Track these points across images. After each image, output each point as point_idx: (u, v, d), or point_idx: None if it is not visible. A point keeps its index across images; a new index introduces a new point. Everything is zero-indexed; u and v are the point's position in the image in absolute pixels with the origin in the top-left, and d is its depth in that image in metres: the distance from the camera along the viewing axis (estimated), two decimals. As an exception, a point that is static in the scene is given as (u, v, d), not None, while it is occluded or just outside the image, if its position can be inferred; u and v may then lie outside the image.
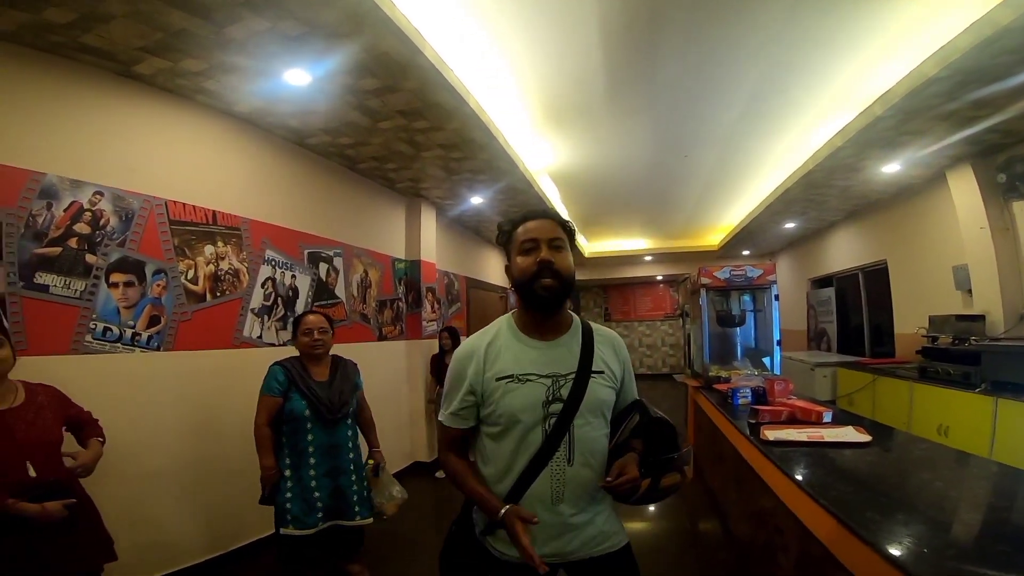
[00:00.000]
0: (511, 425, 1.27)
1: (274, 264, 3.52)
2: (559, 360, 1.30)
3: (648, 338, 12.73)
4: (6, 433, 1.71)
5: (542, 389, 1.26)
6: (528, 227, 1.31)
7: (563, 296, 1.30)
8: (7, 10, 2.05)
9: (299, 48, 2.49)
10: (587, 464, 1.29)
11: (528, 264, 1.27)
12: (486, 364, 1.30)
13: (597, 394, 1.30)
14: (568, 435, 1.27)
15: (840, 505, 1.44)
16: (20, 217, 2.23)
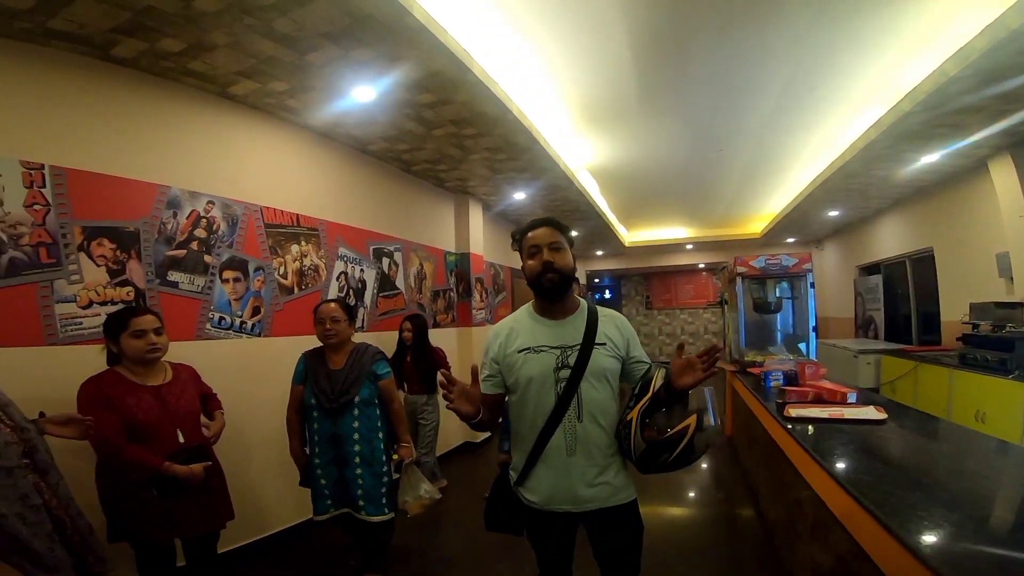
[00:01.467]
0: (528, 387, 1.51)
1: (346, 260, 3.92)
2: (567, 335, 1.53)
3: (691, 326, 12.65)
4: (162, 405, 2.04)
5: (552, 358, 1.50)
6: (532, 235, 1.56)
7: (564, 287, 1.54)
8: (127, 38, 2.37)
9: (366, 69, 2.80)
10: (595, 421, 1.50)
11: (535, 265, 1.52)
12: (508, 341, 1.57)
13: (600, 362, 1.51)
14: (576, 396, 1.49)
15: (840, 469, 1.60)
16: (153, 225, 2.65)
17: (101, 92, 2.48)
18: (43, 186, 2.22)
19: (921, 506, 1.25)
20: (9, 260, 2.10)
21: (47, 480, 1.47)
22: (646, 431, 1.40)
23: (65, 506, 1.48)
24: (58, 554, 1.40)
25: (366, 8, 2.22)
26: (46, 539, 1.39)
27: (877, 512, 1.26)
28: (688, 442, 1.34)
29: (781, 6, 2.66)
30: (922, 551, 1.02)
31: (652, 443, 1.38)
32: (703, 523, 3.50)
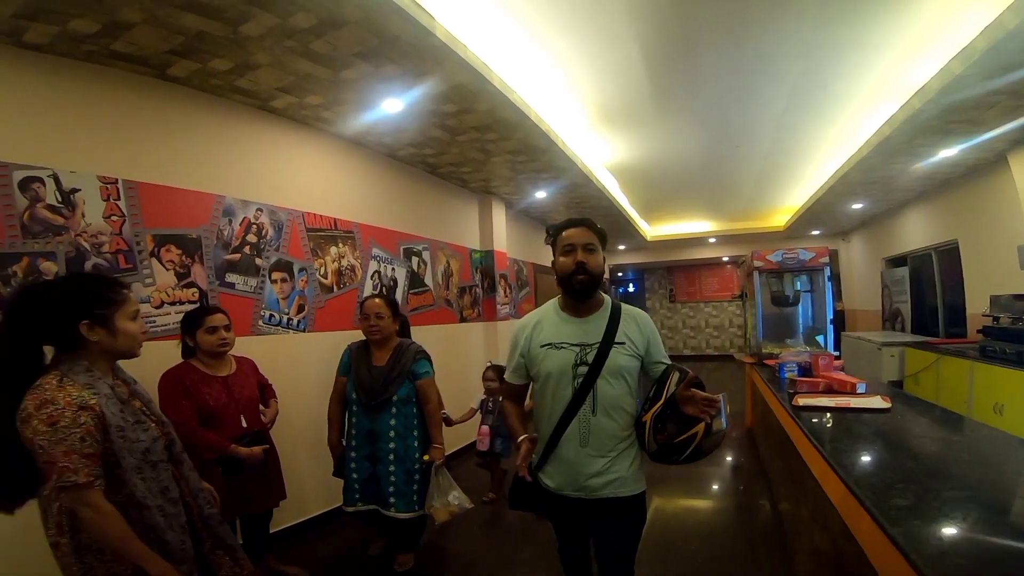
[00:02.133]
0: (547, 381, 1.59)
1: (379, 260, 4.17)
2: (588, 333, 1.59)
3: (715, 319, 12.59)
4: (229, 393, 2.30)
5: (572, 355, 1.56)
6: (568, 233, 1.61)
7: (594, 287, 1.59)
8: (181, 59, 2.58)
9: (394, 84, 3.00)
10: (608, 416, 1.56)
11: (568, 264, 1.58)
12: (533, 335, 1.64)
13: (617, 360, 1.56)
14: (592, 391, 1.55)
15: (831, 450, 1.73)
16: (212, 231, 2.92)
17: (159, 109, 2.73)
18: (118, 199, 2.51)
19: (899, 485, 1.37)
20: (93, 266, 2.40)
21: (181, 471, 1.52)
22: (658, 435, 1.48)
23: (195, 496, 1.54)
24: (187, 546, 1.42)
25: (393, 30, 2.42)
26: (180, 531, 1.42)
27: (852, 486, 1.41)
28: (696, 446, 1.43)
29: (784, 11, 2.75)
30: (886, 526, 1.13)
31: (664, 445, 1.47)
32: (720, 511, 3.59)
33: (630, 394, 1.60)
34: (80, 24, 2.15)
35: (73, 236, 2.35)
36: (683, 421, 1.45)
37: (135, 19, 2.15)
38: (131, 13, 2.11)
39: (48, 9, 2.03)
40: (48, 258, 2.27)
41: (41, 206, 2.25)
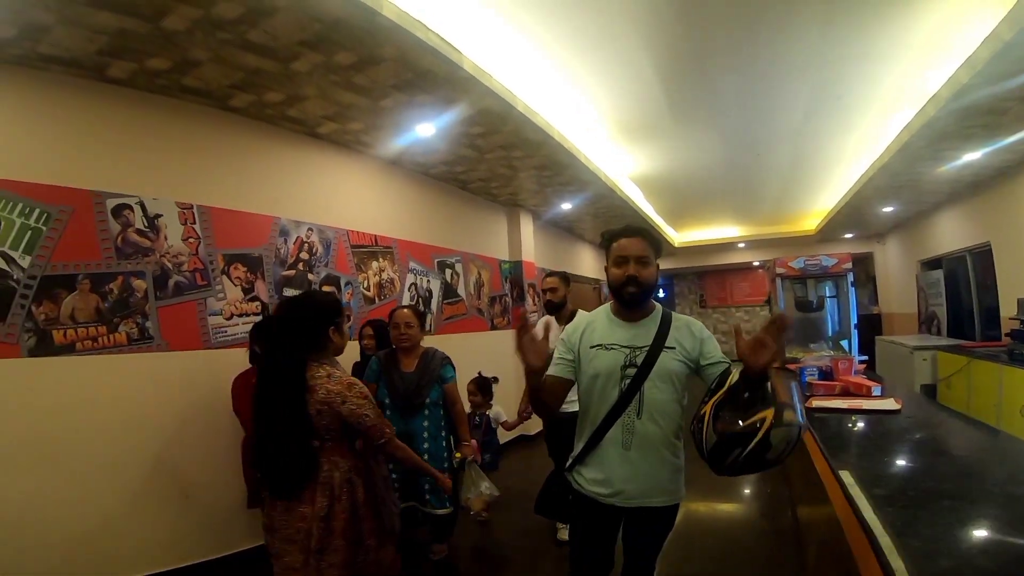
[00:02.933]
0: (595, 380, 1.57)
1: (416, 272, 4.47)
2: (639, 336, 1.57)
3: (747, 324, 12.43)
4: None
5: (621, 356, 1.55)
6: (622, 243, 1.59)
7: (644, 298, 1.58)
8: (240, 92, 2.85)
9: (427, 111, 3.29)
10: (654, 420, 1.52)
11: (619, 275, 1.57)
12: (584, 335, 1.64)
13: (667, 365, 1.52)
14: (639, 394, 1.52)
15: (829, 444, 1.86)
16: (271, 250, 3.26)
17: (222, 137, 3.06)
18: (194, 222, 2.88)
19: (884, 475, 1.52)
20: (175, 283, 2.77)
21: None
22: (719, 423, 1.30)
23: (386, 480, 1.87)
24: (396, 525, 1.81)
25: (425, 65, 2.70)
26: (393, 514, 1.81)
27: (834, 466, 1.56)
28: (764, 436, 1.19)
29: (789, 32, 2.91)
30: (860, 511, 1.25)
31: (723, 436, 1.27)
32: (742, 511, 3.64)
33: (677, 401, 1.55)
34: (155, 62, 2.48)
35: (158, 257, 2.72)
36: (747, 408, 1.26)
37: (202, 57, 2.48)
38: (199, 52, 2.43)
39: (128, 48, 2.33)
40: (139, 276, 2.65)
41: (131, 230, 2.63)
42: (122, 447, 2.59)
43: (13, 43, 2.20)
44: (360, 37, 2.39)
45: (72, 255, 2.45)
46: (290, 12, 2.15)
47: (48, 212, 2.38)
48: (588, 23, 2.83)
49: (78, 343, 2.45)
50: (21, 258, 2.30)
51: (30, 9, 1.99)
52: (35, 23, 2.08)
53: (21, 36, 2.15)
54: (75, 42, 2.24)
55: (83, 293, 2.46)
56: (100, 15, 2.07)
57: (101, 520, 2.49)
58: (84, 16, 2.07)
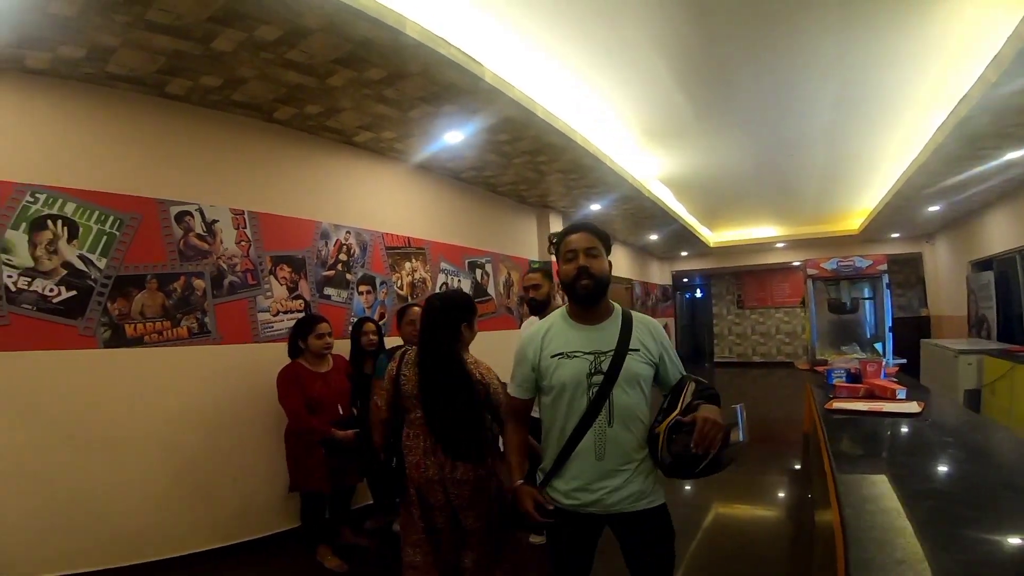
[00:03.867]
0: (561, 392, 1.48)
1: (447, 272, 4.67)
2: (600, 340, 1.49)
3: (787, 325, 12.08)
4: (328, 386, 2.78)
5: (586, 363, 1.46)
6: (569, 239, 1.54)
7: (599, 293, 1.51)
8: (284, 105, 3.11)
9: (454, 120, 3.48)
10: (625, 427, 1.47)
11: (570, 270, 1.50)
12: (543, 346, 1.54)
13: (633, 368, 1.47)
14: (608, 401, 1.45)
15: (835, 442, 1.90)
16: (313, 252, 3.53)
17: (268, 147, 3.33)
18: (245, 227, 3.17)
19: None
20: (229, 283, 3.07)
21: None
22: (673, 445, 1.38)
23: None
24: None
25: (449, 79, 2.89)
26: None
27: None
28: (714, 458, 1.33)
29: (805, 33, 2.91)
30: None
31: (678, 456, 1.36)
32: (765, 513, 3.63)
33: (646, 403, 1.51)
34: (208, 79, 2.74)
35: (215, 259, 3.03)
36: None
37: (248, 75, 2.73)
38: (245, 70, 2.68)
39: (184, 67, 2.59)
40: (199, 276, 2.95)
41: (192, 235, 2.94)
42: (179, 432, 2.85)
43: (83, 63, 2.48)
44: (387, 54, 2.59)
45: (141, 257, 2.77)
46: (323, 33, 2.37)
47: (121, 219, 2.70)
48: (601, 34, 2.93)
49: (146, 336, 2.77)
50: (98, 260, 2.63)
51: (97, 33, 2.24)
52: (102, 45, 2.34)
53: (90, 57, 2.42)
54: (137, 62, 2.51)
55: (151, 291, 2.78)
56: (158, 38, 2.31)
57: (158, 500, 2.76)
58: (144, 39, 2.32)
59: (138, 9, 2.10)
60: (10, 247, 2.41)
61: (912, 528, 1.12)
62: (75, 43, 2.31)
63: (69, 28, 2.19)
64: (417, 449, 2.00)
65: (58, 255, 2.52)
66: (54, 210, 2.52)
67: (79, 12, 2.08)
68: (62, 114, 2.62)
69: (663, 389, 1.55)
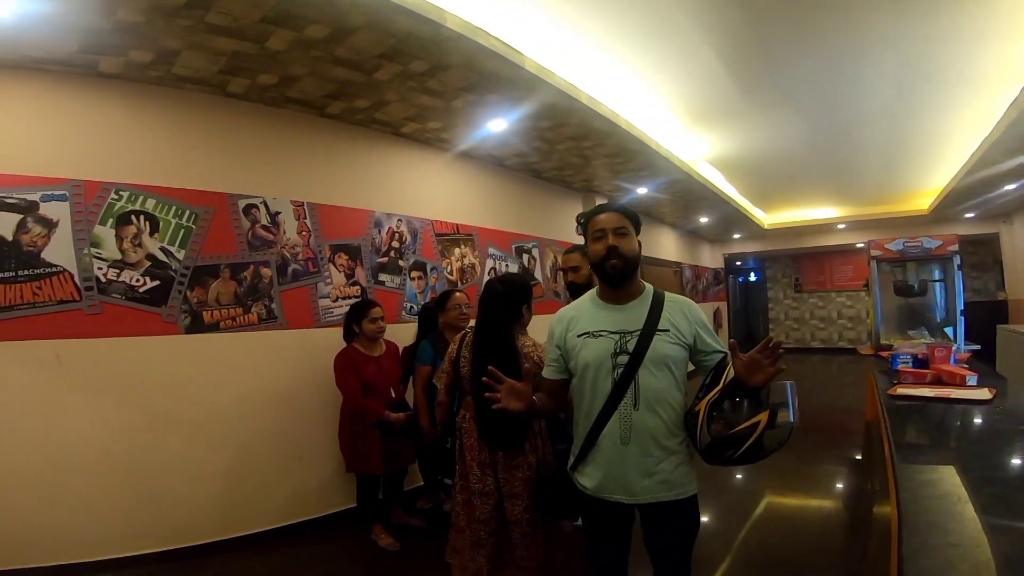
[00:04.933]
0: (585, 373, 1.46)
1: (495, 258, 4.73)
2: (628, 320, 1.45)
3: (850, 309, 11.40)
4: (381, 370, 2.88)
5: (610, 343, 1.43)
6: (598, 219, 1.50)
7: (628, 272, 1.47)
8: (335, 101, 3.20)
9: (497, 108, 3.48)
10: (652, 410, 1.39)
11: (599, 250, 1.46)
12: (570, 326, 1.52)
13: (661, 349, 1.41)
14: (634, 383, 1.40)
15: (897, 427, 1.84)
16: (368, 240, 3.66)
17: (322, 140, 3.45)
18: (305, 217, 3.33)
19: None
20: (292, 270, 3.24)
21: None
22: (713, 424, 1.29)
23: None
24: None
25: (490, 68, 2.90)
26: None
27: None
28: (757, 439, 1.23)
29: (858, 11, 2.72)
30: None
31: (718, 438, 1.28)
32: (817, 511, 3.47)
33: (677, 388, 1.44)
34: (264, 78, 2.84)
35: (279, 248, 3.20)
36: (743, 410, 1.27)
37: (302, 72, 2.83)
38: (299, 68, 2.79)
39: (242, 67, 2.71)
40: (266, 265, 3.14)
41: (258, 226, 3.12)
42: (249, 414, 3.00)
43: (151, 66, 2.63)
44: (429, 47, 2.63)
45: (215, 248, 2.96)
46: (368, 30, 2.43)
47: (196, 213, 2.91)
48: (642, 18, 2.86)
49: (221, 322, 2.96)
50: (178, 252, 2.85)
51: (162, 36, 2.37)
52: (167, 48, 2.47)
53: (157, 60, 2.57)
54: (200, 63, 2.64)
55: (224, 280, 2.98)
56: (218, 40, 2.43)
57: (229, 480, 2.90)
58: (206, 41, 2.43)
59: (198, 12, 2.20)
60: (99, 241, 2.63)
61: (970, 513, 1.07)
62: (143, 47, 2.46)
63: (137, 33, 2.32)
64: (472, 432, 2.02)
65: (142, 248, 2.74)
66: (137, 206, 2.73)
67: (145, 18, 2.21)
68: (135, 115, 2.79)
69: (702, 372, 1.47)
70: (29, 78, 2.54)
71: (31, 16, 2.15)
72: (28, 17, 2.15)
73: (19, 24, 2.18)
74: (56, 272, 2.52)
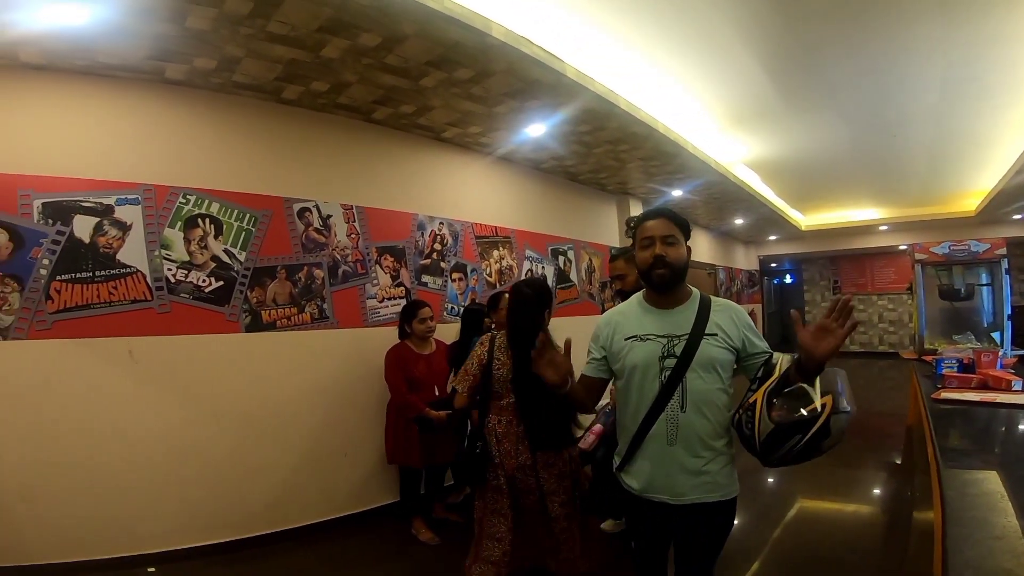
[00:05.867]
0: (632, 375, 1.47)
1: (531, 260, 4.81)
2: (675, 324, 1.46)
3: (892, 313, 11.03)
4: (429, 368, 2.96)
5: (658, 347, 1.43)
6: (646, 226, 1.49)
7: (675, 281, 1.47)
8: (380, 107, 3.28)
9: (537, 114, 3.56)
10: (699, 412, 1.41)
11: (646, 257, 1.46)
12: (616, 329, 1.53)
13: (709, 352, 1.41)
14: (681, 385, 1.40)
15: (940, 430, 1.85)
16: (412, 243, 3.77)
17: (369, 145, 3.56)
18: (354, 220, 3.48)
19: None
20: (343, 272, 3.39)
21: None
22: (774, 411, 1.26)
23: None
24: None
25: (533, 76, 2.98)
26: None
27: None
28: (824, 423, 1.19)
29: (901, 15, 2.71)
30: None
31: (781, 424, 1.23)
32: (855, 514, 3.42)
33: (723, 390, 1.44)
34: (317, 84, 2.95)
35: (331, 250, 3.35)
36: (804, 395, 1.24)
37: (351, 79, 2.94)
38: (349, 75, 2.88)
39: (297, 74, 2.82)
40: (318, 267, 3.29)
41: (311, 229, 3.28)
42: (303, 410, 3.11)
43: (214, 73, 2.75)
44: (474, 56, 2.72)
45: (272, 250, 3.12)
46: (417, 39, 2.53)
47: (255, 216, 3.08)
48: (680, 25, 2.89)
49: (278, 321, 3.11)
50: (239, 253, 3.02)
51: (226, 44, 2.47)
52: (230, 56, 2.58)
53: (219, 68, 2.69)
54: (259, 70, 2.75)
55: (281, 281, 3.14)
56: (276, 48, 2.53)
57: (284, 474, 3.00)
58: (265, 49, 2.54)
59: (260, 22, 2.30)
60: (169, 243, 2.78)
61: (1013, 511, 1.10)
62: (207, 55, 2.56)
63: (203, 41, 2.43)
64: (511, 436, 2.02)
65: (207, 249, 2.91)
66: (202, 209, 2.89)
67: (211, 26, 2.30)
68: (198, 120, 2.91)
69: (747, 372, 1.46)
70: (102, 84, 2.67)
71: (105, 22, 2.23)
72: (102, 23, 2.23)
73: (93, 30, 2.27)
74: (130, 273, 2.68)
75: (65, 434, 2.53)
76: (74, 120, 2.64)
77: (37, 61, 2.48)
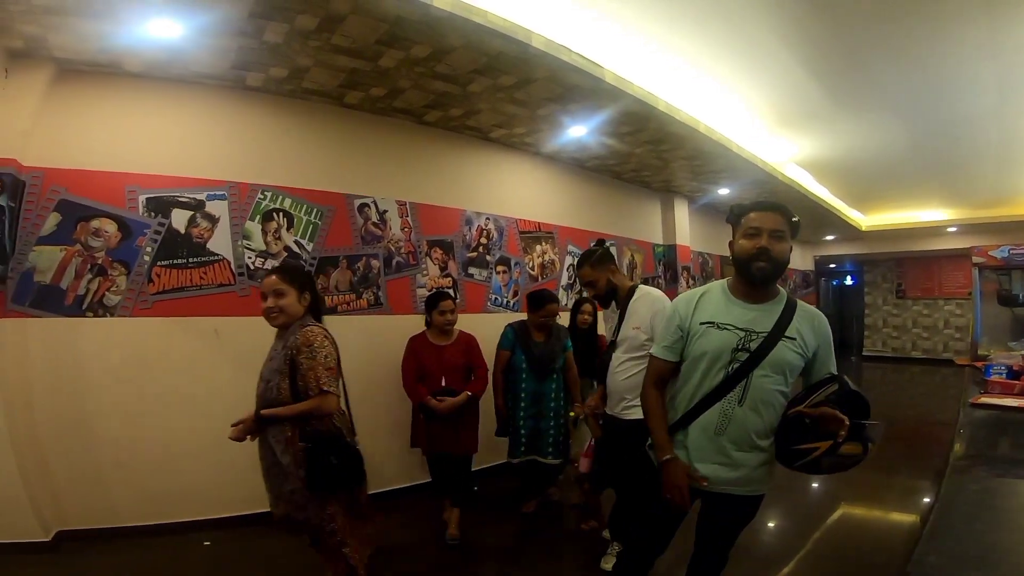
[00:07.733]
0: (700, 360, 1.44)
1: (573, 255, 4.89)
2: (757, 320, 1.42)
3: (959, 319, 10.25)
4: (439, 359, 2.87)
5: (734, 338, 1.40)
6: (755, 215, 1.42)
7: (774, 276, 1.42)
8: (432, 110, 3.55)
9: (578, 116, 3.71)
10: (756, 409, 1.40)
11: (749, 247, 1.40)
12: (695, 310, 1.48)
13: (783, 355, 1.39)
14: (746, 381, 1.38)
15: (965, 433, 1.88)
16: (460, 237, 4.02)
17: (421, 145, 3.81)
18: (407, 215, 3.76)
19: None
20: (396, 262, 3.67)
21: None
22: (784, 437, 1.40)
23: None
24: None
25: (572, 81, 3.12)
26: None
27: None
28: (812, 460, 1.35)
29: (944, 23, 2.67)
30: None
31: (783, 447, 1.41)
32: (890, 520, 3.39)
33: (783, 392, 1.43)
34: (375, 90, 3.19)
35: (386, 243, 3.64)
36: (812, 431, 1.33)
37: (407, 86, 3.17)
38: (403, 82, 3.10)
39: (359, 81, 3.07)
40: (375, 258, 3.59)
41: (370, 223, 3.59)
42: (357, 392, 3.14)
43: (286, 81, 3.03)
44: (517, 64, 2.90)
45: (335, 242, 3.43)
46: (464, 50, 2.73)
47: (322, 211, 3.40)
48: (721, 31, 2.95)
49: (339, 307, 3.38)
50: (307, 244, 3.35)
51: (297, 55, 2.74)
52: (300, 65, 2.86)
53: (291, 76, 2.97)
54: (324, 78, 3.02)
55: (342, 270, 3.45)
56: (340, 58, 2.78)
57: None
58: (330, 59, 2.80)
59: (326, 35, 2.55)
60: (249, 234, 3.11)
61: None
62: (281, 64, 2.84)
63: (278, 53, 2.71)
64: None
65: (281, 241, 3.25)
66: (277, 204, 3.23)
67: (285, 39, 2.57)
68: (272, 123, 3.21)
69: (805, 381, 1.47)
70: (193, 90, 2.99)
71: (196, 35, 2.51)
72: (193, 36, 2.52)
73: (186, 43, 2.57)
74: (217, 260, 3.01)
75: (159, 407, 2.81)
76: (171, 123, 2.97)
77: (138, 70, 2.84)
